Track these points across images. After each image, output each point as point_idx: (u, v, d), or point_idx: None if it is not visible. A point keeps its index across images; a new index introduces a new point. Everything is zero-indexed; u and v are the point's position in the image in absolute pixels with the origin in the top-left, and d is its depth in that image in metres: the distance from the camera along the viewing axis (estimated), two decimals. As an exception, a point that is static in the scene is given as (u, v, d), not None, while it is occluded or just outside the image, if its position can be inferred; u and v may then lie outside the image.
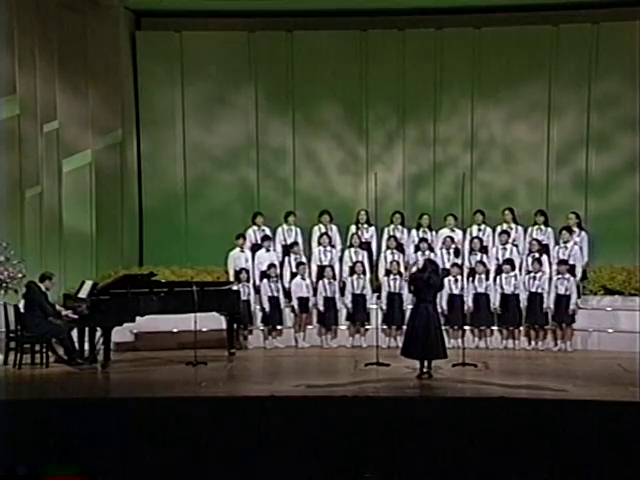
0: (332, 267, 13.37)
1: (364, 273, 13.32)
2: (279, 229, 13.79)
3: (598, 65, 14.23)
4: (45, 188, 13.27)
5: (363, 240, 13.69)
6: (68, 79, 13.64)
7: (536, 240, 13.23)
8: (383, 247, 13.65)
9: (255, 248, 13.60)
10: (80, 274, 13.05)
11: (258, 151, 14.98)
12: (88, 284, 11.99)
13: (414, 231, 13.74)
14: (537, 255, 13.09)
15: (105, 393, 10.35)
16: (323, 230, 13.70)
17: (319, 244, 13.59)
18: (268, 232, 13.74)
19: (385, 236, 13.71)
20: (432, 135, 14.85)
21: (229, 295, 12.48)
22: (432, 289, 10.62)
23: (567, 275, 12.81)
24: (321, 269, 13.38)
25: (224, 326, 12.50)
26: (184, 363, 11.49)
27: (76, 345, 11.71)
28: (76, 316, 11.60)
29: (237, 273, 13.26)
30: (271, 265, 13.28)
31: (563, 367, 11.74)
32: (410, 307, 11.73)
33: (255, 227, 13.80)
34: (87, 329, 11.83)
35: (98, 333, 11.70)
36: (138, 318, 11.69)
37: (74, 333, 11.77)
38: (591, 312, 13.09)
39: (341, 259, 13.61)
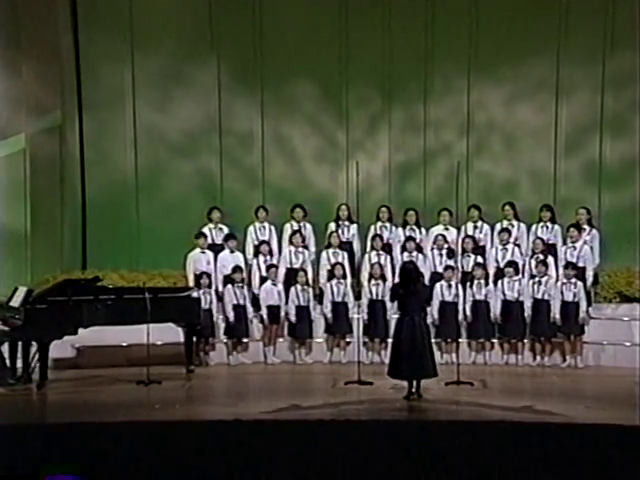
0: (305, 271, 13.37)
1: (345, 277, 13.34)
2: (250, 227, 13.78)
3: (614, 37, 14.27)
4: (-29, 178, 13.18)
5: (343, 239, 13.72)
6: (-2, 52, 13.56)
7: (541, 239, 13.29)
8: (368, 247, 13.67)
9: (214, 248, 13.58)
10: (12, 279, 12.99)
11: (221, 136, 14.95)
12: (22, 291, 11.88)
13: (400, 229, 13.80)
14: (542, 256, 13.15)
15: (41, 418, 10.26)
16: (295, 228, 13.71)
17: (290, 243, 13.59)
18: (226, 230, 13.72)
19: (370, 235, 13.74)
20: (422, 118, 14.88)
21: (187, 303, 12.45)
22: (417, 299, 10.61)
23: (574, 280, 12.87)
24: (291, 273, 13.37)
25: (182, 339, 12.47)
26: (135, 382, 11.44)
27: (7, 362, 11.61)
28: (7, 328, 11.50)
29: (197, 277, 13.23)
30: (236, 268, 13.25)
31: (573, 386, 11.79)
32: (395, 317, 11.76)
33: (211, 225, 13.79)
34: (20, 343, 11.73)
35: (33, 348, 11.61)
36: (81, 330, 11.61)
37: (4, 348, 11.68)
38: (605, 322, 13.17)
39: (318, 262, 13.62)
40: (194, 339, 12.60)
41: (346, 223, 13.85)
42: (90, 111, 14.87)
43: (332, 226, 13.85)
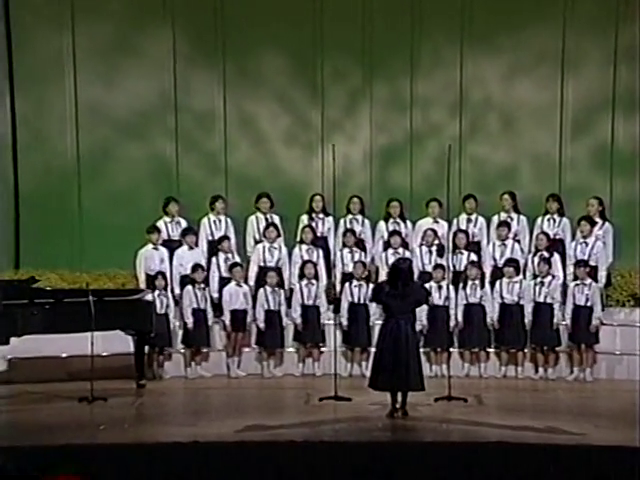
0: (278, 270, 13.39)
1: (317, 278, 13.36)
2: (204, 220, 13.80)
3: (628, 2, 14.34)
4: None
5: (318, 234, 13.75)
6: None
7: (545, 234, 13.36)
8: (339, 244, 13.71)
9: (170, 245, 13.58)
10: None
11: (177, 115, 14.92)
12: (-56, 294, 11.85)
13: (382, 223, 13.84)
14: (546, 254, 13.20)
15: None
16: (264, 221, 13.71)
17: (264, 237, 13.59)
18: (185, 224, 13.73)
19: (340, 230, 13.78)
20: (408, 95, 14.92)
21: (138, 307, 12.43)
22: (404, 302, 10.61)
23: (588, 280, 12.94)
24: (263, 272, 13.39)
25: (131, 349, 12.44)
26: (77, 399, 11.38)
27: None
28: None
29: (150, 278, 13.23)
30: (196, 267, 13.26)
31: (581, 402, 11.87)
32: (378, 323, 11.77)
33: (167, 218, 13.79)
34: (-57, 354, 11.71)
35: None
36: (13, 339, 11.57)
37: None
38: (618, 329, 13.24)
39: (289, 259, 13.66)
40: (146, 349, 12.57)
41: (320, 216, 13.87)
42: (23, 85, 14.78)
43: (304, 219, 13.87)
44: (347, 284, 13.28)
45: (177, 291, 13.36)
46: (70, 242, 14.65)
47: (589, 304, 12.92)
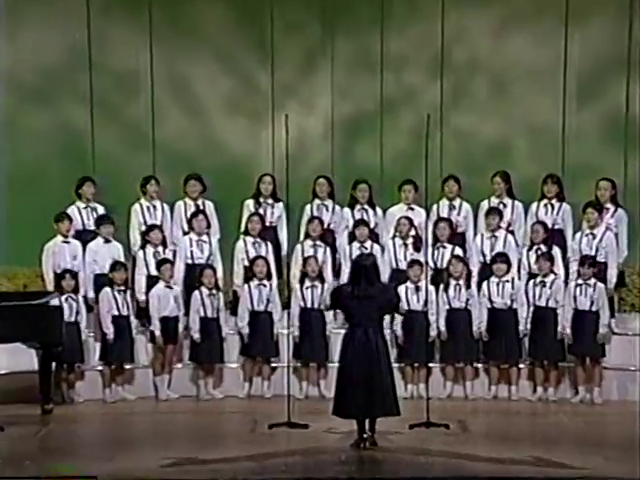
0: (213, 268, 13.34)
1: (269, 277, 13.33)
2: (135, 206, 13.78)
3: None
4: None
5: (267, 223, 13.73)
6: None
7: (542, 223, 13.38)
8: (301, 235, 13.70)
9: (84, 236, 13.52)
10: None
11: (92, 76, 14.86)
12: None
13: (347, 210, 13.85)
14: (544, 248, 13.22)
15: None
16: (193, 208, 13.68)
17: (191, 228, 13.55)
18: (102, 210, 13.68)
19: (305, 217, 13.77)
20: (378, 53, 14.96)
21: (44, 314, 12.32)
22: (373, 305, 10.58)
23: (593, 280, 12.95)
24: (193, 271, 13.36)
25: (35, 366, 12.35)
26: (-34, 428, 11.32)
27: None
28: None
29: (58, 277, 13.14)
30: (116, 264, 13.19)
31: (588, 429, 11.86)
32: (337, 332, 11.75)
33: (81, 203, 13.73)
34: None
35: None
36: None
37: None
38: (633, 339, 13.26)
39: (230, 255, 13.62)
40: (53, 366, 12.48)
41: (269, 201, 13.86)
42: None
43: (250, 205, 13.86)
44: (298, 286, 13.23)
45: (90, 294, 13.26)
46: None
47: (594, 308, 12.93)
